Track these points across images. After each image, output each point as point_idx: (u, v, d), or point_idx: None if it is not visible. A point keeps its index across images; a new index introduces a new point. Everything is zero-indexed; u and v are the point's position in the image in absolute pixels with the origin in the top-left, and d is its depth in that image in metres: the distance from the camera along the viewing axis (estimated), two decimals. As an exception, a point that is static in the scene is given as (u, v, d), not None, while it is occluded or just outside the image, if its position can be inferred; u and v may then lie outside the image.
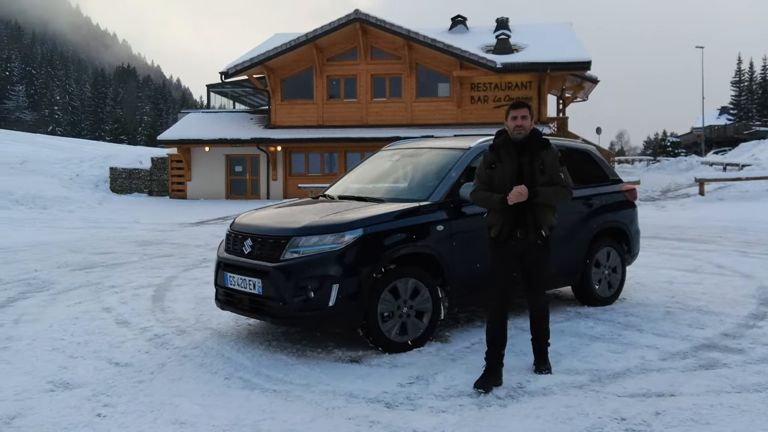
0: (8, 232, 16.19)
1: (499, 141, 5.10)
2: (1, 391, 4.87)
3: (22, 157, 37.53)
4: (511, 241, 4.98)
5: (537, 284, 5.18)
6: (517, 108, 5.00)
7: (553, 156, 5.01)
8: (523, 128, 4.95)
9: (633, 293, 8.05)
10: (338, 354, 5.74)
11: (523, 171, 4.92)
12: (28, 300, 8.10)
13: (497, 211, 4.97)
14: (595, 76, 34.74)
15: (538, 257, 5.07)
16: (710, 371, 5.18)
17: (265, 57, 29.13)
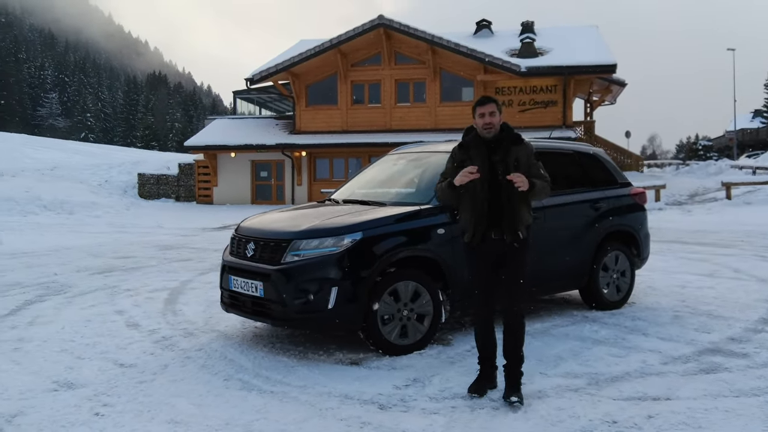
0: (34, 237, 16.51)
1: (469, 139, 4.82)
2: (6, 390, 5.00)
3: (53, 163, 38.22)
4: (485, 243, 4.72)
5: (513, 291, 4.78)
6: (484, 104, 4.72)
7: (529, 151, 4.76)
8: (492, 125, 4.68)
9: (643, 297, 7.99)
10: (339, 356, 5.79)
11: (497, 170, 4.62)
12: (44, 303, 8.26)
13: (468, 211, 4.73)
14: (622, 80, 34.46)
15: (515, 261, 4.74)
16: (710, 375, 5.14)
17: (289, 63, 29.35)
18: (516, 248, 4.70)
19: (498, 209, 4.65)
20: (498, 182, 4.60)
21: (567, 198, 7.00)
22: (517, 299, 4.82)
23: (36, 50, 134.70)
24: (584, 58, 28.20)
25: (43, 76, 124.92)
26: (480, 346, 4.92)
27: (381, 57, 29.86)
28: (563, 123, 28.78)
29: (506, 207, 4.64)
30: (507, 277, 4.76)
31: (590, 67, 27.96)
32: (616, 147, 37.40)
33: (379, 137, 28.60)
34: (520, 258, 4.77)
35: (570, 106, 29.43)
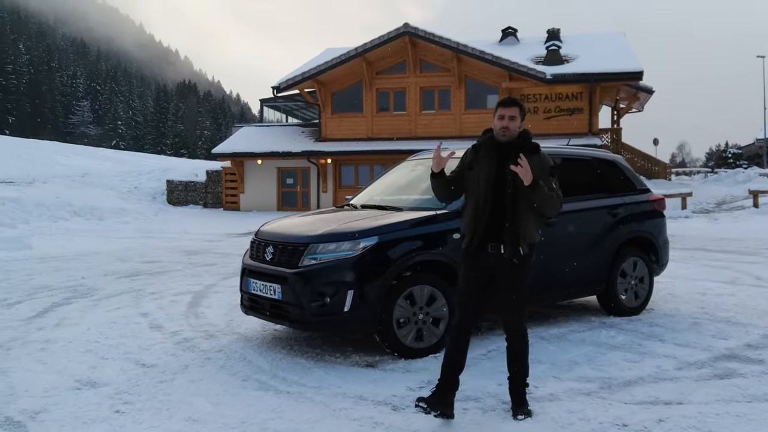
0: (63, 241, 16.83)
1: (483, 140, 4.54)
2: (30, 388, 5.15)
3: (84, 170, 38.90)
4: (481, 255, 4.38)
5: (511, 310, 4.47)
6: (507, 106, 4.41)
7: (544, 163, 4.40)
8: (509, 130, 4.36)
9: (663, 304, 7.98)
10: (355, 359, 5.87)
11: (505, 177, 4.30)
12: (71, 305, 8.46)
13: (469, 215, 4.44)
14: (649, 87, 34.23)
15: (512, 279, 4.38)
16: (724, 381, 5.15)
17: (315, 71, 29.62)
18: (514, 265, 4.34)
19: (501, 219, 4.32)
20: (504, 190, 4.30)
21: (584, 204, 7.03)
22: (519, 319, 4.51)
23: (68, 59, 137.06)
24: (610, 66, 28.09)
25: (75, 84, 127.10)
26: (445, 361, 4.48)
27: (406, 65, 30.01)
28: (589, 130, 28.69)
29: (509, 216, 4.30)
30: (504, 296, 4.44)
31: (616, 74, 27.85)
32: (644, 155, 37.12)
33: (404, 144, 28.71)
34: (519, 278, 4.39)
35: (596, 114, 29.33)
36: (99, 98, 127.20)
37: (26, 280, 10.50)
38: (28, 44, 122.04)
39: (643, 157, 37.00)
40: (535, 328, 6.86)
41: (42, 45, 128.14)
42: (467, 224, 4.46)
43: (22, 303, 8.57)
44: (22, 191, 26.39)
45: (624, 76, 28.13)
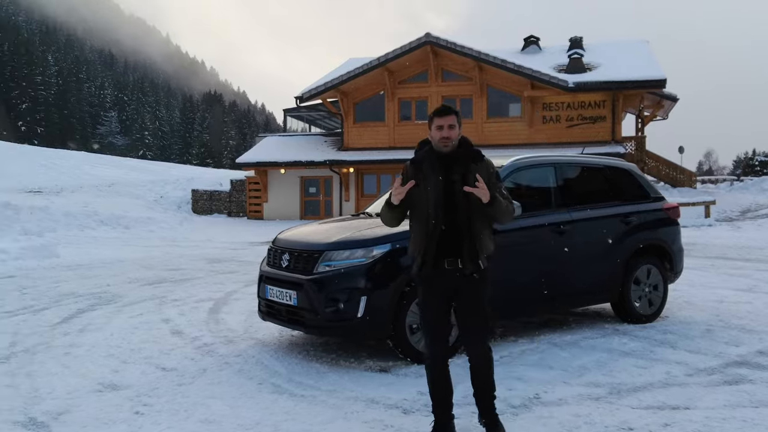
0: (90, 250, 17.16)
1: (422, 154, 4.19)
2: (54, 390, 5.34)
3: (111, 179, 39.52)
4: (437, 274, 4.08)
5: (475, 328, 4.16)
6: (443, 115, 4.10)
7: (490, 170, 4.14)
8: (450, 139, 4.06)
9: (678, 311, 8.01)
10: (369, 364, 5.99)
11: (454, 190, 4.00)
12: (95, 311, 8.67)
13: (417, 237, 4.12)
14: (674, 94, 34.05)
15: (473, 295, 4.13)
16: (732, 386, 5.19)
17: (338, 81, 29.89)
18: (475, 280, 4.09)
19: (454, 235, 4.05)
20: (454, 203, 4.00)
21: (597, 212, 7.10)
22: (483, 336, 4.21)
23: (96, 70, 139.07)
24: (633, 73, 28.01)
25: (102, 95, 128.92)
26: (432, 393, 4.29)
27: (428, 74, 30.18)
28: (612, 138, 28.63)
29: (465, 231, 4.03)
30: (466, 313, 4.16)
31: (639, 82, 27.76)
32: (668, 163, 36.91)
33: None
34: (480, 291, 4.15)
35: (619, 122, 29.25)
36: (126, 109, 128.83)
37: (53, 287, 10.76)
38: (57, 56, 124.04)
39: (668, 165, 36.78)
40: (548, 334, 6.95)
41: (70, 56, 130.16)
42: (417, 246, 4.11)
43: (48, 309, 8.80)
44: (50, 200, 26.92)
45: (647, 84, 28.04)
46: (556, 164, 7.06)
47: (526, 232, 6.57)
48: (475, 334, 4.17)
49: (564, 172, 7.08)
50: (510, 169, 6.69)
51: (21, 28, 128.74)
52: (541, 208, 6.87)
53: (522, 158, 6.90)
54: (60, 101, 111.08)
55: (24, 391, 5.34)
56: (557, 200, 6.94)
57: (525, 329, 7.24)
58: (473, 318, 4.15)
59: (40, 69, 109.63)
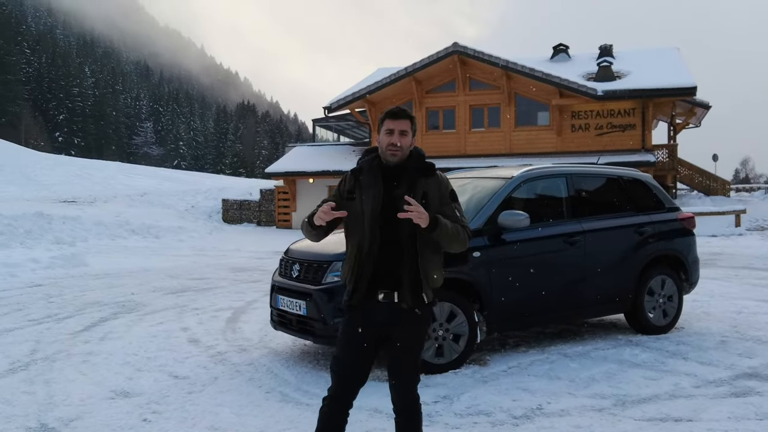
0: (120, 259, 17.45)
1: (365, 162, 3.59)
2: (68, 397, 5.48)
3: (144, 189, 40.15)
4: (369, 307, 3.45)
5: (407, 376, 3.53)
6: (396, 118, 3.49)
7: (443, 187, 3.54)
8: (400, 148, 3.46)
9: (695, 322, 7.94)
10: (378, 373, 6.03)
11: (397, 206, 3.33)
12: (117, 320, 8.85)
13: (351, 260, 3.51)
14: (706, 102, 33.67)
15: (410, 334, 3.49)
16: (739, 399, 5.16)
17: (366, 91, 30.07)
18: (414, 318, 3.46)
19: (393, 261, 3.41)
20: (396, 222, 3.35)
21: (609, 222, 7.10)
22: (413, 385, 3.58)
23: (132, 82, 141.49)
24: (663, 81, 27.75)
25: (138, 106, 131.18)
26: None
27: (455, 83, 30.21)
28: (642, 146, 28.35)
29: (407, 259, 3.41)
30: (398, 356, 3.51)
31: (668, 90, 27.48)
32: (702, 171, 36.49)
33: (454, 162, 28.73)
34: (419, 331, 3.54)
35: (649, 130, 28.97)
36: (161, 119, 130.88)
37: (79, 295, 10.99)
38: (94, 68, 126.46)
39: (701, 173, 36.35)
40: (560, 345, 6.95)
41: (107, 68, 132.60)
42: (350, 269, 3.51)
43: (72, 318, 9.00)
44: (83, 210, 27.42)
45: (676, 92, 27.74)
46: (568, 175, 7.07)
47: (536, 242, 6.60)
48: (406, 383, 3.54)
49: (576, 182, 7.08)
50: (520, 180, 6.74)
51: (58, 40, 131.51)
52: (551, 219, 6.89)
53: (532, 169, 6.94)
54: (96, 112, 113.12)
55: (40, 398, 5.49)
56: (569, 211, 6.95)
57: (538, 340, 7.25)
58: (406, 363, 3.51)
59: (77, 81, 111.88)
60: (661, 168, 30.53)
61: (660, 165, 30.37)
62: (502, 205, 6.44)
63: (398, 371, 3.53)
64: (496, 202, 6.45)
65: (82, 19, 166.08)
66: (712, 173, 36.91)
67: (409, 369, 3.53)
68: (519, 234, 6.43)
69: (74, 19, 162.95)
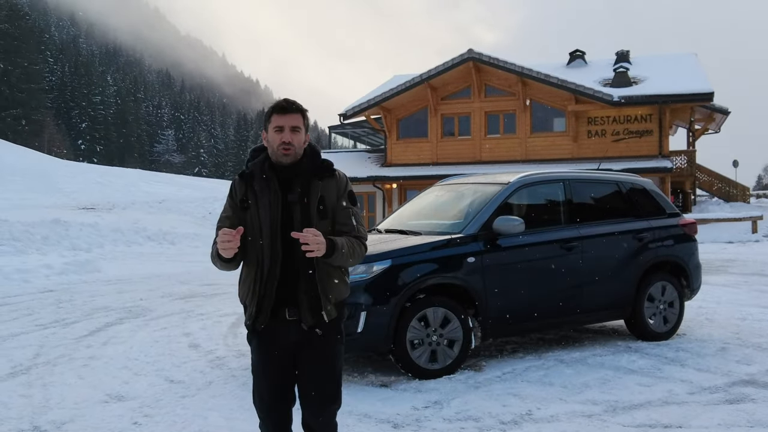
0: (133, 265, 17.61)
1: (255, 165, 3.17)
2: (63, 400, 5.55)
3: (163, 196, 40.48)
4: (275, 327, 3.13)
5: (320, 399, 3.18)
6: (285, 112, 3.10)
7: (341, 189, 3.19)
8: (293, 147, 3.07)
9: (697, 329, 7.87)
10: (371, 378, 6.07)
11: (293, 214, 3.06)
12: (122, 325, 8.93)
13: (249, 278, 3.13)
14: (725, 107, 33.38)
15: (321, 354, 3.16)
16: (732, 406, 5.11)
17: (381, 98, 30.14)
18: (320, 337, 3.14)
19: (292, 276, 3.08)
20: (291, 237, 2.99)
21: (607, 228, 7.07)
22: (331, 417, 3.27)
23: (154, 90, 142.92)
24: (679, 87, 27.56)
25: (160, 114, 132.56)
26: None
27: (471, 90, 30.18)
28: (659, 152, 28.13)
29: (303, 274, 3.08)
30: (308, 380, 3.18)
31: (685, 95, 27.29)
32: (721, 177, 36.18)
33: (469, 169, 28.71)
34: (330, 350, 3.19)
35: (666, 135, 28.75)
36: (183, 127, 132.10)
37: (88, 301, 11.11)
38: (116, 76, 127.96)
39: (721, 180, 36.05)
40: (557, 351, 6.92)
41: (129, 77, 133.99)
42: (249, 289, 3.14)
43: (78, 323, 9.10)
44: (100, 217, 27.71)
45: (693, 98, 27.53)
46: (566, 180, 7.06)
47: (532, 248, 6.59)
48: (320, 412, 3.21)
49: (573, 188, 7.06)
50: (516, 186, 6.74)
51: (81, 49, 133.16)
52: (548, 225, 6.88)
53: (529, 174, 6.94)
54: (118, 120, 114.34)
55: (36, 401, 5.56)
56: (566, 216, 6.93)
57: (535, 346, 7.23)
58: (317, 388, 3.17)
59: (100, 89, 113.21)
60: (679, 174, 30.30)
61: (678, 171, 30.14)
62: (497, 211, 6.44)
63: (309, 401, 3.18)
64: (492, 208, 6.45)
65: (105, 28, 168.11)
66: (732, 179, 36.57)
67: (322, 392, 3.18)
68: (515, 239, 6.42)
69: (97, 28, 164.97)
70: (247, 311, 3.20)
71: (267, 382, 3.22)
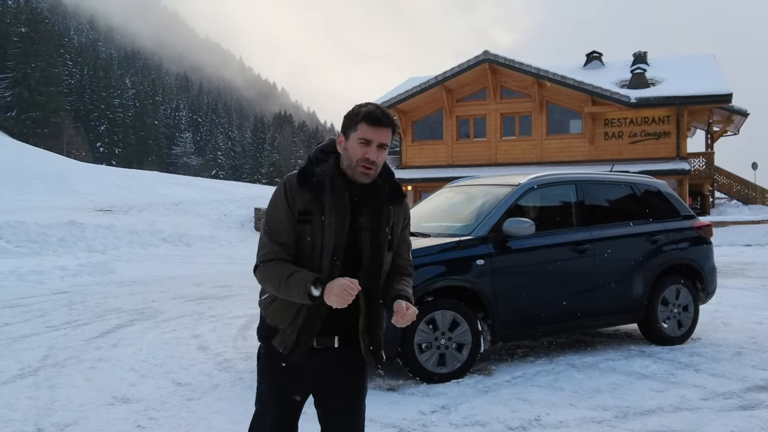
0: (148, 267, 17.65)
1: (324, 171, 2.70)
2: (69, 402, 5.52)
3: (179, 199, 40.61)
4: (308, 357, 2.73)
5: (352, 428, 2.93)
6: (378, 125, 2.65)
7: (407, 217, 2.89)
8: (375, 168, 2.67)
9: (712, 333, 7.73)
10: (379, 382, 5.99)
11: (360, 240, 2.69)
12: (133, 327, 8.92)
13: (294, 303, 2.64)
14: (743, 109, 33.04)
15: (353, 392, 2.90)
16: (746, 412, 5.00)
17: (396, 100, 30.10)
18: (359, 372, 2.89)
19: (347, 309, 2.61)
20: (358, 260, 2.69)
21: (619, 230, 6.96)
22: None
23: (172, 93, 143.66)
24: (697, 88, 27.33)
25: (178, 117, 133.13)
26: None
27: (486, 92, 30.07)
28: (677, 154, 27.88)
29: (365, 315, 2.75)
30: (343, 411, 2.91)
31: (702, 96, 27.06)
32: (740, 179, 35.81)
33: (484, 171, 28.66)
34: (362, 390, 2.94)
35: (684, 137, 28.50)
36: (200, 130, 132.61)
37: (101, 303, 11.12)
38: (134, 79, 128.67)
39: (740, 182, 35.68)
40: (569, 355, 6.82)
41: (147, 80, 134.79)
42: (291, 315, 2.69)
43: (89, 324, 9.10)
44: (117, 219, 27.81)
45: (711, 99, 27.29)
46: (577, 182, 6.96)
47: (543, 250, 6.50)
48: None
49: (586, 190, 6.96)
50: (527, 187, 6.65)
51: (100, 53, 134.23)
52: (560, 227, 6.79)
53: (540, 176, 6.85)
54: (137, 123, 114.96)
55: (42, 403, 5.54)
56: (578, 219, 6.83)
57: (547, 350, 7.13)
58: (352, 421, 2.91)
59: (118, 92, 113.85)
60: (697, 176, 30.01)
61: (696, 173, 29.85)
62: (507, 213, 6.35)
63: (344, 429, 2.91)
64: (502, 210, 6.36)
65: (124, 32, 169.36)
66: (751, 182, 36.17)
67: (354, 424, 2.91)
68: (525, 242, 6.33)
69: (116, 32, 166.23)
70: (278, 335, 2.72)
71: (283, 413, 2.89)
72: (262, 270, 2.69)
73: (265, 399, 2.90)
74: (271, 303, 2.77)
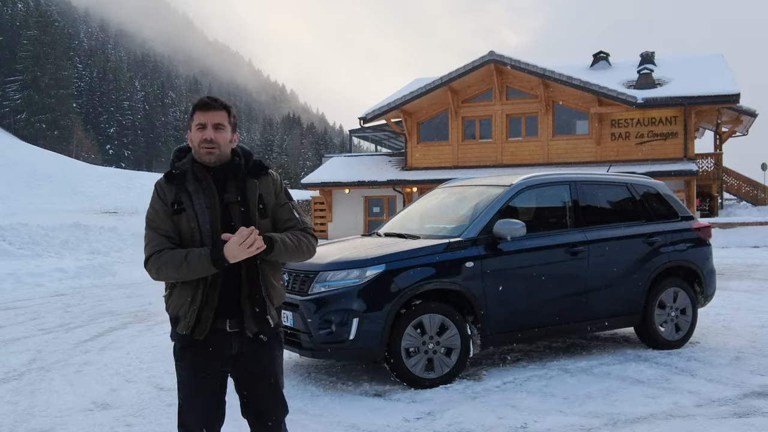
0: (149, 269, 17.57)
1: (184, 166, 2.96)
2: (48, 408, 5.42)
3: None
4: (212, 341, 2.91)
5: (273, 408, 3.08)
6: (208, 109, 2.91)
7: (278, 187, 3.06)
8: (217, 146, 2.89)
9: (712, 336, 7.55)
10: (365, 387, 5.85)
11: (232, 215, 2.90)
12: (125, 330, 8.82)
13: (191, 285, 2.87)
14: (752, 109, 32.65)
15: (264, 365, 3.01)
16: (741, 419, 4.83)
17: (401, 101, 29.92)
18: (265, 344, 2.99)
19: (235, 281, 2.89)
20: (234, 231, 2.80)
21: (615, 232, 6.79)
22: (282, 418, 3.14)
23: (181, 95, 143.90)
24: (704, 88, 27.01)
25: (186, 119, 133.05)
26: None
27: (492, 92, 29.86)
28: (684, 155, 27.59)
29: (246, 278, 2.89)
30: (260, 390, 3.05)
31: (710, 97, 26.73)
32: (749, 180, 35.50)
33: (490, 172, 28.42)
34: (274, 358, 3.05)
35: (691, 138, 28.18)
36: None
37: (96, 305, 11.04)
38: (144, 82, 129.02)
39: (749, 183, 35.37)
40: (563, 360, 6.66)
41: (156, 82, 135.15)
42: (189, 297, 2.88)
43: (81, 327, 9.01)
44: (122, 221, 27.83)
45: (719, 99, 26.95)
46: (572, 182, 6.79)
47: (536, 252, 6.34)
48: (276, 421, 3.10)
49: (580, 190, 6.79)
50: (520, 188, 6.50)
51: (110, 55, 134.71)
52: (553, 228, 6.63)
53: (533, 176, 6.69)
54: (146, 125, 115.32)
55: (21, 408, 5.44)
56: (572, 220, 6.67)
57: (540, 354, 6.96)
58: (272, 398, 3.06)
59: (128, 94, 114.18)
60: (705, 177, 29.72)
61: (704, 174, 29.56)
62: (499, 214, 6.20)
63: (264, 410, 3.07)
64: (493, 211, 6.21)
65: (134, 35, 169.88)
66: (761, 183, 35.83)
67: (276, 404, 3.07)
68: (517, 244, 6.17)
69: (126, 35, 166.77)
70: (180, 323, 2.91)
71: (204, 401, 3.02)
72: (156, 260, 2.87)
73: (187, 388, 3.02)
74: (170, 295, 2.98)
